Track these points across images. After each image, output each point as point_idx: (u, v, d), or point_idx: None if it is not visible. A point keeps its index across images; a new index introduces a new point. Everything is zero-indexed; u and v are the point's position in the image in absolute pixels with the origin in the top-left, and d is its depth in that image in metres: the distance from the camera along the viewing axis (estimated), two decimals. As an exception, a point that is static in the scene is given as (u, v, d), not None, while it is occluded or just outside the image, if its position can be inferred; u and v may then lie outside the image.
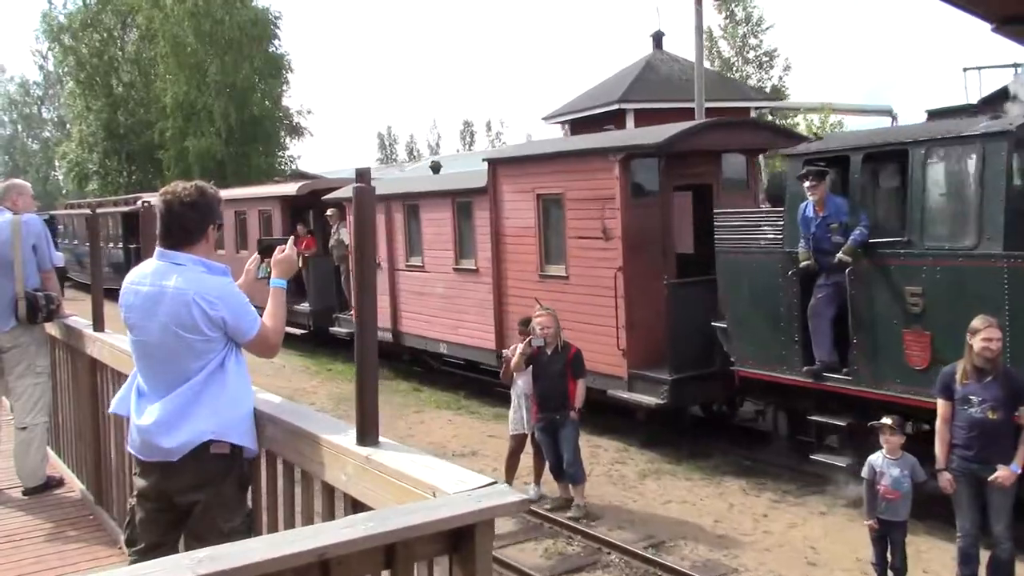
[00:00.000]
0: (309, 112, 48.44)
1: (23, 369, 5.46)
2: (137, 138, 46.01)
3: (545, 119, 26.82)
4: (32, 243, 5.45)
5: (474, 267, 13.10)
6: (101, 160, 47.34)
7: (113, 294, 3.58)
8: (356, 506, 2.49)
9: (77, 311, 6.00)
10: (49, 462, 5.86)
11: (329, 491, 2.67)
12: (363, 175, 2.70)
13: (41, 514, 5.21)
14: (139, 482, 3.26)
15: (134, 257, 21.67)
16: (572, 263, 11.13)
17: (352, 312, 13.72)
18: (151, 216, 5.20)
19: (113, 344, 4.68)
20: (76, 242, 33.85)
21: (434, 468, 2.34)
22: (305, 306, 17.65)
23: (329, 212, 16.40)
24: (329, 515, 2.66)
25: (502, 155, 12.91)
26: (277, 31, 44.04)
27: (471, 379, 14.36)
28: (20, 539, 4.82)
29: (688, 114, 16.81)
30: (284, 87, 45.57)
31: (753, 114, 24.01)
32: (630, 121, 21.94)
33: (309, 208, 18.90)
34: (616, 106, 22.86)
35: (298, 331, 17.39)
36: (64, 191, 70.84)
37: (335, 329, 16.70)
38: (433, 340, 14.36)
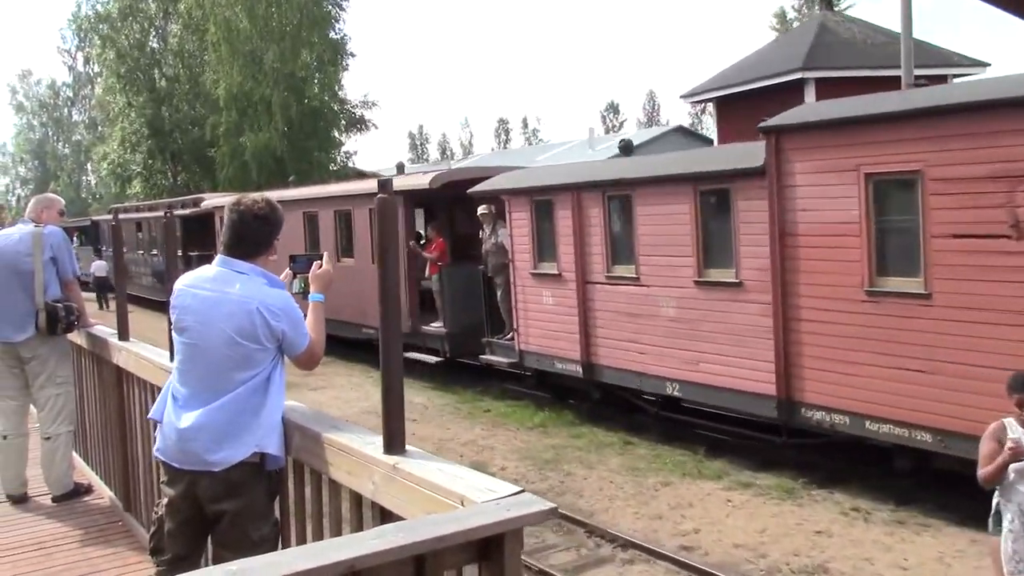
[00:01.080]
0: (373, 104, 44.08)
1: (44, 380, 5.52)
2: (183, 135, 42.98)
3: (685, 97, 23.55)
4: (51, 255, 5.50)
5: (735, 280, 9.79)
6: (145, 160, 43.92)
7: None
8: (384, 515, 2.50)
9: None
10: (77, 469, 5.92)
11: (357, 500, 2.67)
12: (384, 185, 2.71)
13: (70, 521, 5.26)
14: (168, 490, 3.27)
15: (195, 267, 22.19)
16: (937, 273, 7.88)
17: (512, 334, 13.38)
18: (173, 225, 5.25)
19: (138, 353, 4.72)
20: (124, 250, 31.87)
21: (461, 477, 2.34)
22: (438, 327, 15.06)
23: (482, 210, 13.77)
24: (357, 524, 2.67)
25: (793, 120, 9.21)
26: (341, 12, 40.43)
27: (703, 433, 11.06)
28: (50, 546, 4.86)
29: (881, 84, 13.69)
30: (343, 75, 41.76)
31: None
32: (809, 94, 17.79)
33: (435, 204, 17.05)
34: (797, 75, 18.32)
35: (431, 358, 15.12)
36: (98, 195, 69.51)
37: (488, 358, 14.15)
38: (654, 378, 10.91)
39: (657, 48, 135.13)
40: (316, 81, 39.61)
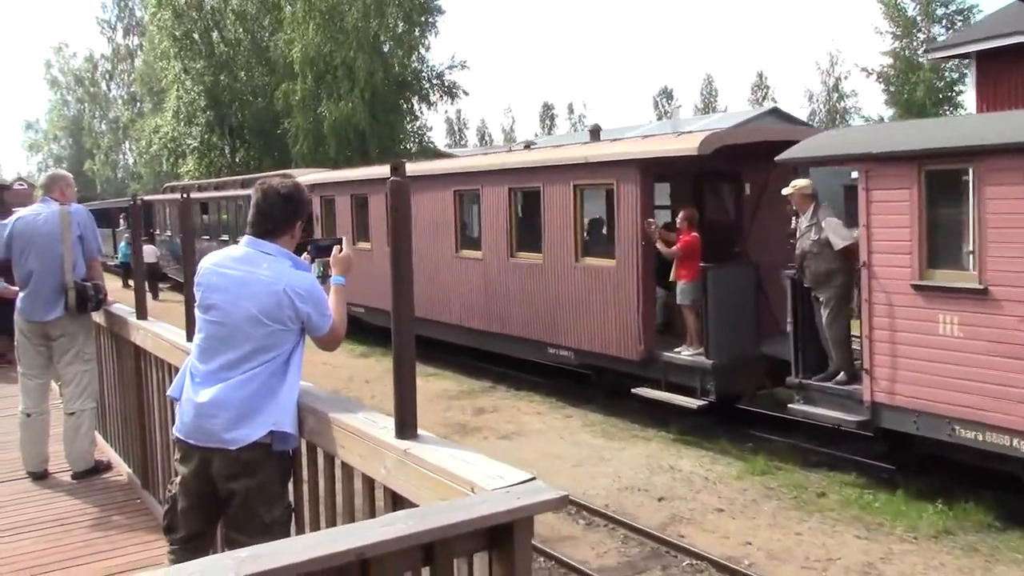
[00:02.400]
0: (464, 65, 37.47)
1: (72, 356, 5.56)
2: (244, 107, 38.06)
3: (931, 51, 20.81)
4: (79, 233, 5.54)
5: None
6: (201, 134, 38.83)
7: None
8: (396, 500, 2.50)
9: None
10: (97, 446, 5.98)
11: (369, 484, 2.68)
12: (397, 168, 2.69)
13: (89, 498, 5.32)
14: (181, 468, 3.29)
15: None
16: None
17: (842, 375, 9.01)
18: (189, 207, 5.26)
19: (156, 332, 4.75)
20: (171, 234, 28.22)
21: (472, 463, 2.33)
22: (695, 356, 10.77)
23: (800, 188, 9.40)
24: (370, 508, 2.68)
25: None
26: None
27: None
28: (69, 523, 4.92)
29: None
30: (431, 38, 36.36)
31: None
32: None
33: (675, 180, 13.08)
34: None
35: (690, 402, 10.68)
36: (137, 175, 66.39)
37: (804, 408, 9.54)
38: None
39: (713, 32, 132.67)
40: (403, 43, 34.92)
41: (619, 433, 11.46)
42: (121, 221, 34.00)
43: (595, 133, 27.79)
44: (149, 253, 26.95)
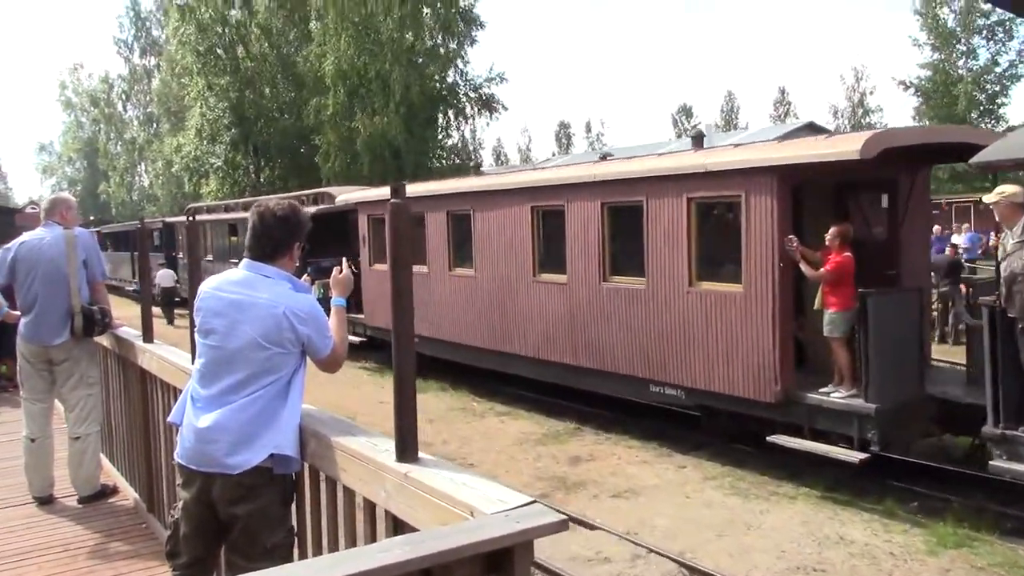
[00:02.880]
0: (502, 79, 35.52)
1: (76, 381, 5.57)
2: (269, 125, 36.61)
3: None
4: (84, 257, 5.55)
5: None
6: (226, 153, 37.59)
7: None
8: (396, 523, 2.48)
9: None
10: (103, 470, 5.96)
11: (371, 508, 2.65)
12: (397, 190, 2.68)
13: (95, 522, 5.31)
14: (183, 493, 3.28)
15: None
16: None
17: None
18: (196, 230, 5.27)
19: (162, 356, 4.74)
20: (210, 258, 25.09)
21: (472, 487, 2.31)
22: (850, 399, 9.13)
23: (1002, 193, 7.84)
24: (371, 532, 2.65)
25: None
26: None
27: None
28: (75, 548, 4.90)
29: None
30: (468, 50, 35.05)
31: None
32: None
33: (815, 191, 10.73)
34: None
35: (851, 455, 8.93)
36: (153, 197, 65.49)
37: (1010, 467, 7.88)
38: None
39: (732, 49, 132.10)
40: (439, 56, 33.59)
41: (752, 489, 9.64)
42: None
43: (698, 139, 26.34)
44: (167, 277, 26.27)
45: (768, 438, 9.89)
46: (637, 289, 11.34)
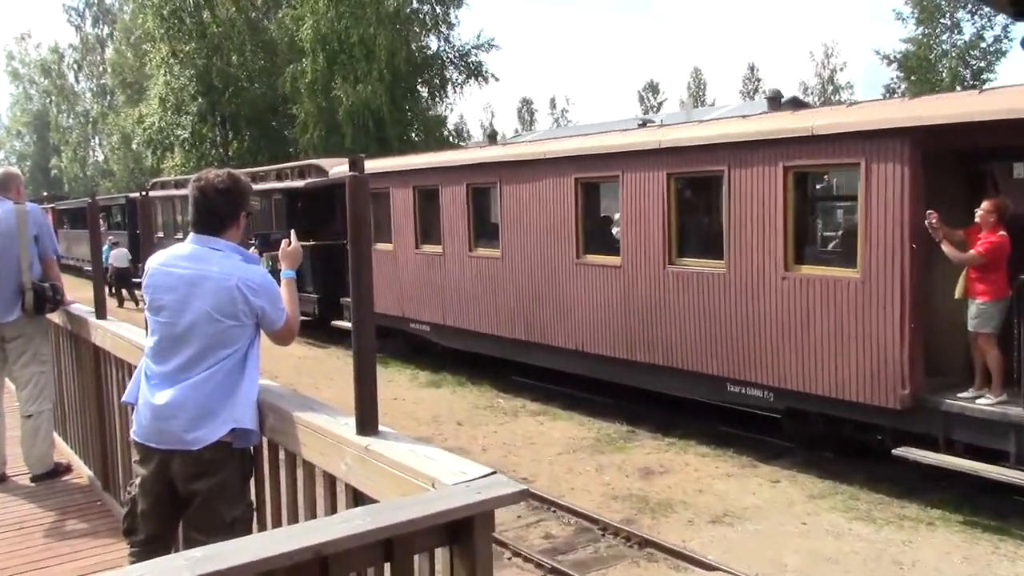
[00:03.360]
0: (492, 45, 33.91)
1: (28, 358, 5.48)
2: (239, 94, 34.68)
3: None
4: (35, 232, 5.45)
5: None
6: (193, 124, 35.43)
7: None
8: (357, 496, 2.49)
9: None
10: (56, 448, 5.88)
11: (331, 481, 2.66)
12: (355, 163, 2.66)
13: (49, 500, 5.24)
14: (140, 469, 3.25)
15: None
16: None
17: None
18: (149, 205, 5.19)
19: (115, 332, 4.68)
20: (180, 236, 23.48)
21: (433, 459, 2.32)
22: (1004, 407, 7.79)
23: None
24: (331, 506, 2.66)
25: None
26: None
27: None
28: (30, 526, 4.85)
29: None
30: (456, 13, 33.26)
31: None
32: None
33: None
34: None
35: (1014, 476, 7.88)
36: (109, 172, 62.57)
37: None
38: None
39: (698, 25, 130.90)
40: (425, 19, 31.94)
41: (874, 512, 8.34)
42: (102, 222, 31.49)
43: (775, 100, 23.96)
44: (120, 257, 25.00)
45: (895, 451, 8.68)
46: (714, 274, 9.89)
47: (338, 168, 17.47)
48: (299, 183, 18.76)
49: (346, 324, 16.67)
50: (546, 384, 13.49)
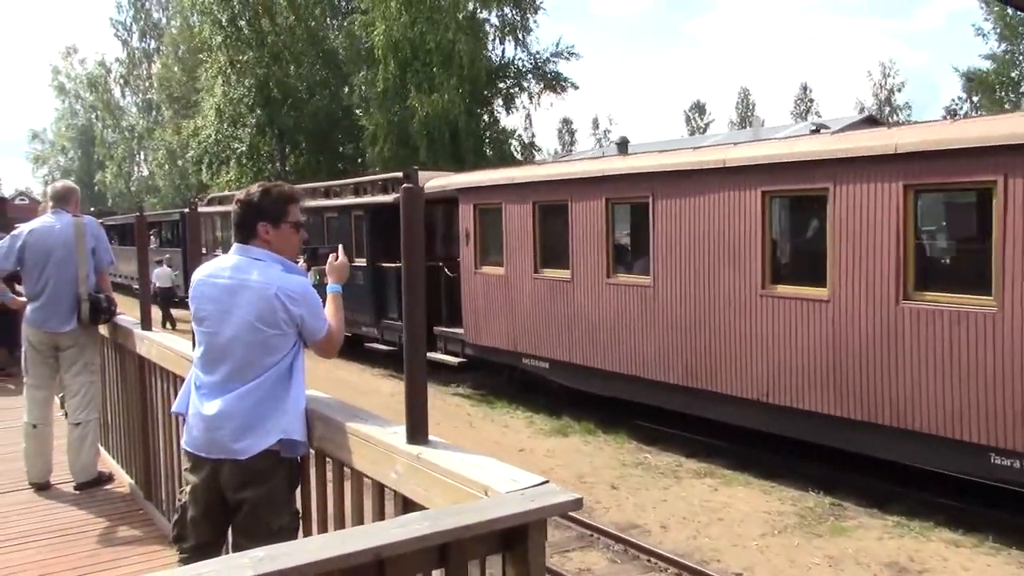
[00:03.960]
0: (572, 53, 31.55)
1: (80, 367, 5.59)
2: (297, 106, 32.91)
3: None
4: (92, 245, 5.57)
5: None
6: (252, 138, 33.57)
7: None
8: (407, 505, 2.51)
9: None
10: (100, 458, 5.97)
11: (379, 490, 2.68)
12: (410, 175, 2.71)
13: (92, 509, 5.31)
14: (190, 477, 3.29)
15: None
16: None
17: None
18: (196, 219, 5.29)
19: (161, 343, 4.76)
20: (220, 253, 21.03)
21: (485, 467, 2.34)
22: None
23: None
24: (380, 514, 2.68)
25: None
26: None
27: None
28: (74, 533, 4.92)
29: None
30: (535, 19, 32.06)
31: None
32: None
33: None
34: None
35: None
36: (154, 187, 61.59)
37: None
38: None
39: (746, 45, 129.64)
40: (501, 26, 29.76)
41: None
42: (152, 239, 29.78)
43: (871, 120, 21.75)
44: (164, 276, 23.58)
45: None
46: (976, 312, 7.88)
47: (435, 181, 15.96)
48: (386, 197, 17.00)
49: (444, 357, 15.57)
50: (695, 436, 11.56)
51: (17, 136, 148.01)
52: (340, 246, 3.67)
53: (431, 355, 15.52)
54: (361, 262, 17.50)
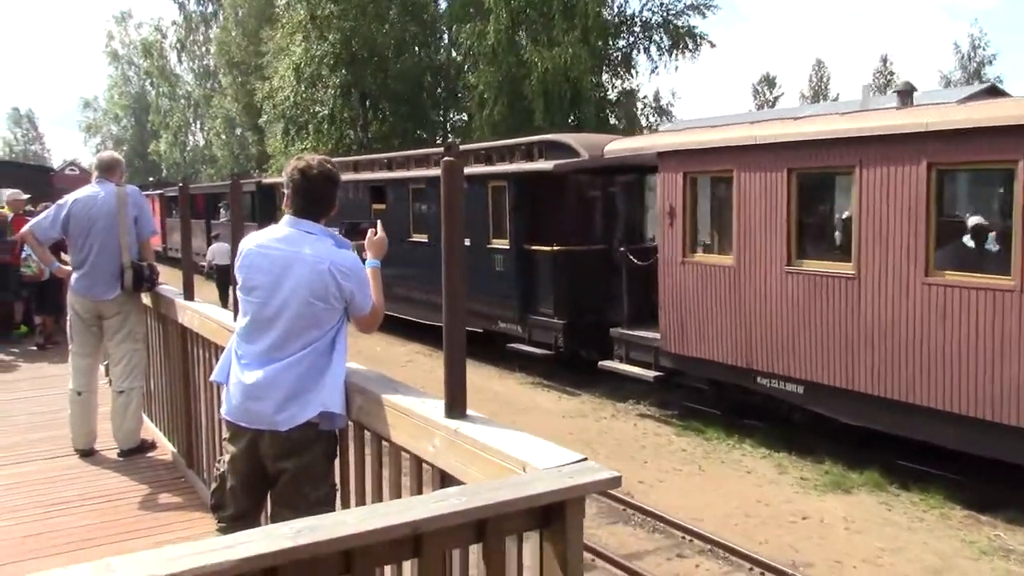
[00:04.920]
0: (708, 7, 28.28)
1: (124, 336, 5.67)
2: (383, 66, 29.86)
3: None
4: (135, 214, 5.64)
5: None
6: (334, 99, 30.50)
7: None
8: (444, 479, 2.50)
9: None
10: (144, 425, 6.07)
11: (417, 463, 2.68)
12: (450, 147, 2.68)
13: (135, 475, 5.41)
14: (230, 447, 3.31)
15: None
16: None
17: None
18: (238, 190, 5.31)
19: (203, 312, 4.80)
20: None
21: (524, 443, 2.33)
22: None
23: None
24: (417, 487, 2.68)
25: None
26: None
27: None
28: (117, 499, 5.01)
29: None
30: None
31: None
32: None
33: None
34: None
35: None
36: (212, 157, 58.75)
37: None
38: None
39: (818, 17, 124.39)
40: None
41: None
42: (221, 211, 28.05)
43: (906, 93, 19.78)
44: (222, 253, 21.03)
45: None
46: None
47: (617, 144, 13.18)
48: (544, 164, 13.83)
49: (632, 369, 12.57)
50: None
51: (70, 107, 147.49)
52: (379, 221, 3.67)
53: (605, 363, 13.02)
54: (501, 244, 14.96)
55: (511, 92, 25.62)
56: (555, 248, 13.84)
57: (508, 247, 14.86)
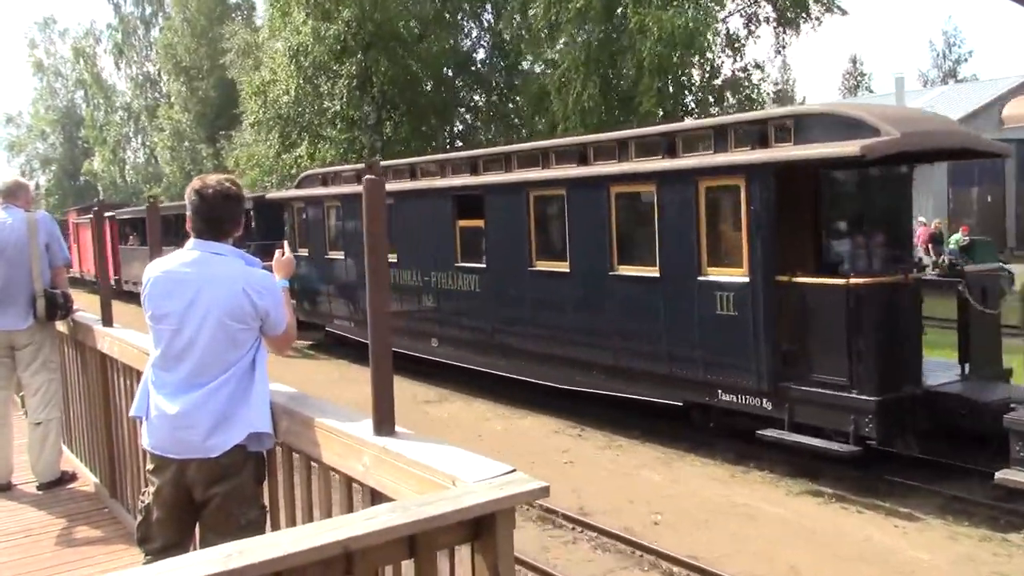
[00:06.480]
0: None
1: (39, 366, 5.50)
2: (392, 61, 24.90)
3: None
4: (45, 241, 5.48)
5: None
6: (348, 94, 25.52)
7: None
8: (375, 496, 2.51)
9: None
10: (63, 457, 5.89)
11: (347, 482, 2.68)
12: (372, 165, 2.70)
13: (56, 508, 5.25)
14: (154, 479, 3.24)
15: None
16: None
17: None
18: (156, 213, 5.22)
19: (123, 339, 4.70)
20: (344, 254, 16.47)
21: (452, 457, 2.35)
22: None
23: None
24: (347, 507, 2.68)
25: None
26: None
27: None
28: (38, 533, 4.85)
29: None
30: None
31: None
32: None
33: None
34: None
35: None
36: (158, 177, 52.67)
37: None
38: None
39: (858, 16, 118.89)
40: None
41: None
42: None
43: None
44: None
45: None
46: None
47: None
48: (841, 147, 8.66)
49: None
50: None
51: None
52: (284, 242, 3.68)
53: (1012, 475, 7.72)
54: (728, 273, 9.92)
55: (609, 67, 20.43)
56: (850, 282, 8.91)
57: (744, 279, 9.73)
